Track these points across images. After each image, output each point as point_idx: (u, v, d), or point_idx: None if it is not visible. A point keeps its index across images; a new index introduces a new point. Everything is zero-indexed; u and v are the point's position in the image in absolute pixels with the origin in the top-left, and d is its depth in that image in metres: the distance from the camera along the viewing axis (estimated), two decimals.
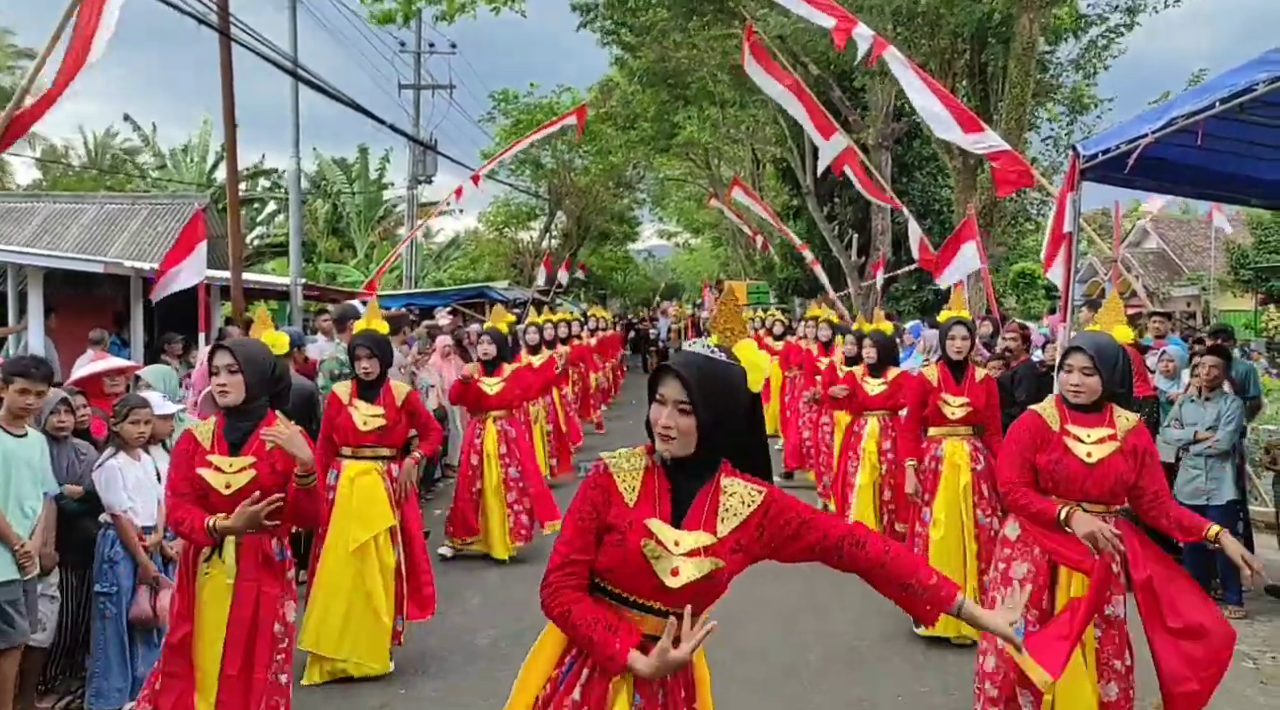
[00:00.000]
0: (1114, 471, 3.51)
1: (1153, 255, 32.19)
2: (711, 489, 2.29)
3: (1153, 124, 6.16)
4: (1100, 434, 3.54)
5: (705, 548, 2.23)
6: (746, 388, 2.28)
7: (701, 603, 2.29)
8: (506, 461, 7.20)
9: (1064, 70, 15.90)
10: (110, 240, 15.78)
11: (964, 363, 5.70)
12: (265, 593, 3.49)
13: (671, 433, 2.24)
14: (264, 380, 3.58)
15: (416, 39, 25.60)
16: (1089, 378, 3.52)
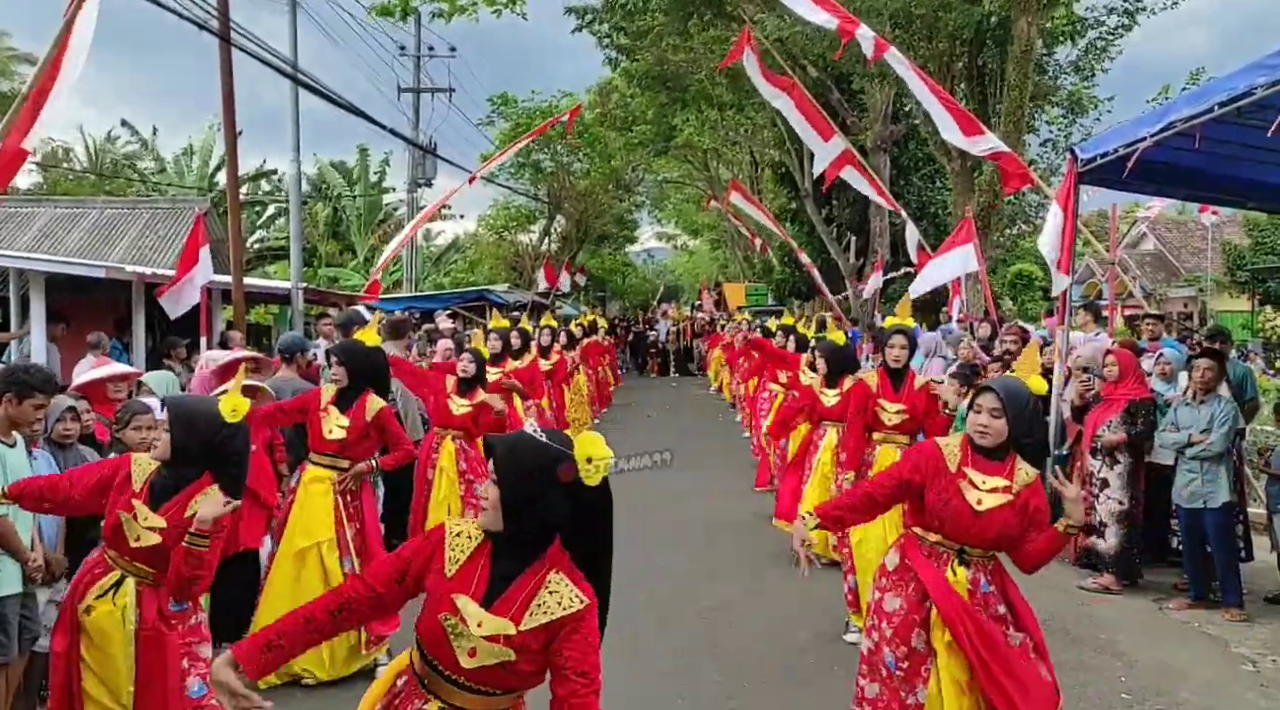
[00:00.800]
0: (999, 523, 3.43)
1: (1150, 257, 32.22)
2: (534, 579, 2.28)
3: (1151, 127, 6.19)
4: (995, 483, 3.47)
5: (505, 637, 2.23)
6: (560, 474, 2.25)
7: (511, 686, 2.31)
8: (469, 477, 6.96)
9: (1062, 72, 15.94)
10: (111, 245, 15.81)
11: (903, 370, 5.73)
12: (168, 639, 3.41)
13: (484, 503, 2.32)
14: (195, 445, 3.39)
15: (416, 42, 25.64)
16: (995, 420, 3.45)
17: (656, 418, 17.21)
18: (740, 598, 6.61)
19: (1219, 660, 5.58)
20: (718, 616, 6.23)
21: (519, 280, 29.16)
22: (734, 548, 7.95)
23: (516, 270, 31.15)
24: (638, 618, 5.93)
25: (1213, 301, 26.78)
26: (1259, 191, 7.52)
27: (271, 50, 10.54)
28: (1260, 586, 6.68)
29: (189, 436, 3.38)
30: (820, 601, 6.32)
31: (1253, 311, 25.64)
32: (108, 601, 3.39)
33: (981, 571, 3.52)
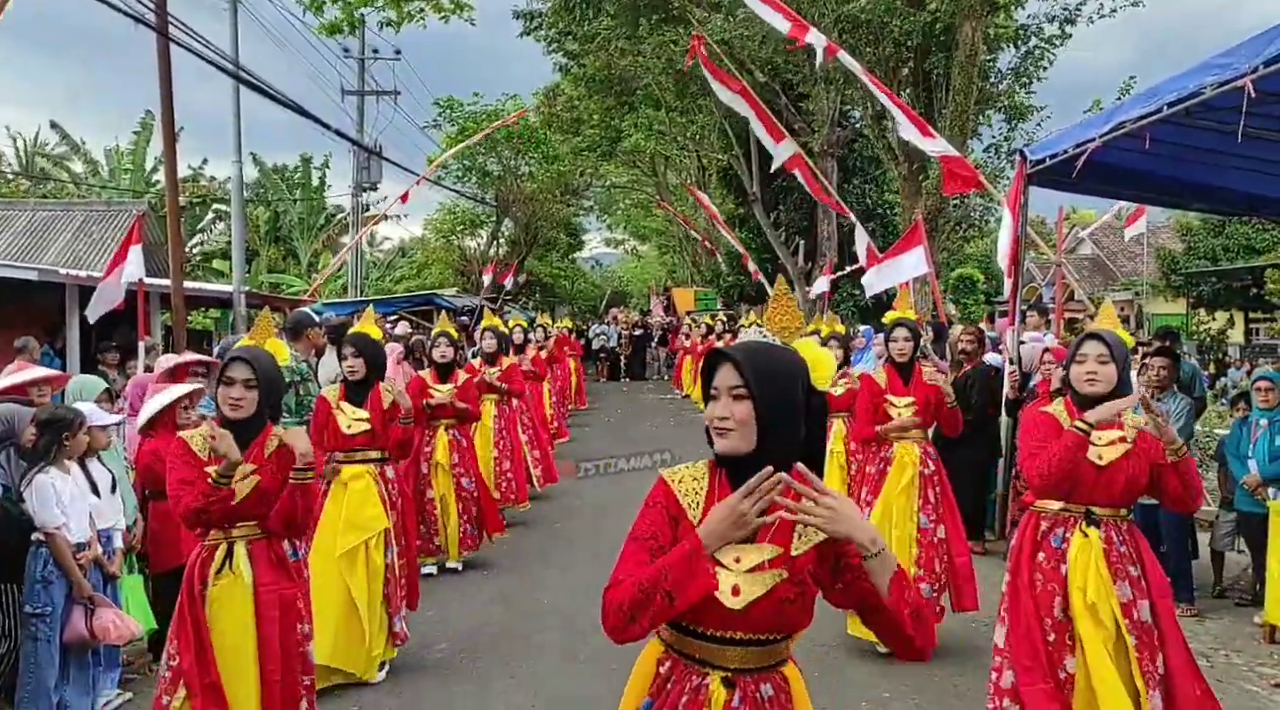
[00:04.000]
0: (1125, 474, 3.40)
1: (1087, 261, 32.92)
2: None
3: (1100, 128, 6.26)
4: (1111, 436, 3.43)
5: (770, 561, 2.01)
6: (807, 379, 2.06)
7: (789, 627, 2.08)
8: (459, 471, 7.12)
9: (1004, 79, 16.18)
10: (44, 248, 15.29)
11: (910, 364, 5.69)
12: (285, 595, 3.51)
13: (728, 423, 2.02)
14: (274, 394, 3.57)
15: (360, 45, 25.24)
16: (1104, 365, 3.40)
17: (614, 422, 17.10)
18: None
19: None
20: None
21: (467, 285, 28.88)
22: None
23: (464, 275, 30.86)
24: None
25: (1148, 305, 27.38)
26: (1204, 193, 7.66)
27: (211, 47, 10.27)
28: (1206, 582, 6.76)
29: (269, 389, 3.54)
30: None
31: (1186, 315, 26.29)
32: (226, 575, 3.44)
33: (1113, 531, 3.47)
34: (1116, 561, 3.43)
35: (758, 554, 2.02)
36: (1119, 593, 3.42)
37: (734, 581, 2.00)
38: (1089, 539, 3.46)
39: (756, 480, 1.91)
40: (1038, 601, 3.54)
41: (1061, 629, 3.49)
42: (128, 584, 4.96)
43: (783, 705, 2.10)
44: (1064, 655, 3.48)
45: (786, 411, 2.03)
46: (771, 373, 2.03)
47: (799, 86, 18.25)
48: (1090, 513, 3.49)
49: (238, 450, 3.33)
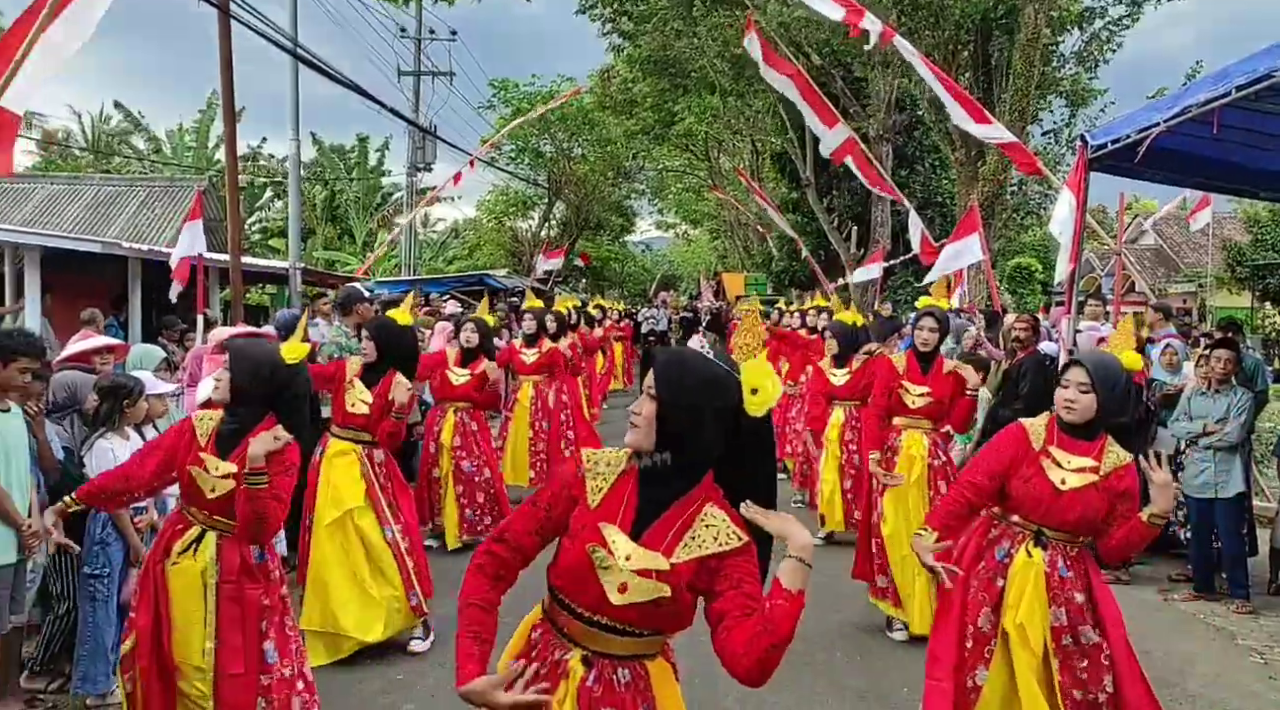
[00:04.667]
0: (1082, 504, 3.29)
1: (1150, 252, 32.19)
2: (688, 510, 2.12)
3: (1165, 113, 6.08)
4: (1082, 463, 3.33)
5: (658, 572, 2.07)
6: (732, 398, 2.10)
7: (659, 626, 2.15)
8: (460, 454, 6.97)
9: (1066, 63, 15.83)
10: (108, 222, 15.67)
11: (932, 354, 5.59)
12: (248, 594, 3.42)
13: (636, 419, 2.15)
14: (255, 383, 3.45)
15: (417, 25, 25.43)
16: (1083, 394, 3.31)
17: None
18: None
19: (1226, 652, 5.52)
20: None
21: (518, 266, 29.03)
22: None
23: (515, 256, 31.02)
24: None
25: (1212, 298, 26.72)
26: (1274, 181, 7.43)
27: (272, 25, 10.40)
28: (1264, 579, 6.61)
29: (249, 378, 3.45)
30: (834, 587, 6.21)
31: (1251, 308, 25.62)
32: (189, 556, 3.41)
33: (1060, 555, 3.38)
34: (1056, 586, 3.35)
35: (648, 561, 2.08)
36: (1052, 617, 3.35)
37: (623, 579, 2.07)
38: (1032, 560, 3.37)
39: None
40: (965, 605, 3.49)
41: (981, 640, 3.44)
42: None
43: (639, 692, 2.17)
44: (976, 664, 3.44)
45: (691, 421, 2.09)
46: (684, 382, 2.11)
47: (856, 70, 18.02)
48: (1041, 534, 3.40)
49: (262, 446, 3.30)
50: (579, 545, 2.11)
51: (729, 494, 2.17)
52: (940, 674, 3.51)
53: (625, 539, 2.10)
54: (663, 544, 2.09)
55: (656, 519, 2.12)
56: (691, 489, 2.15)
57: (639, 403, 2.17)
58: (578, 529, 2.14)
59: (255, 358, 3.49)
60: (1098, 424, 3.36)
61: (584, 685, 2.12)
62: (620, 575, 2.07)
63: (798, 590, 1.99)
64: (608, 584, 2.07)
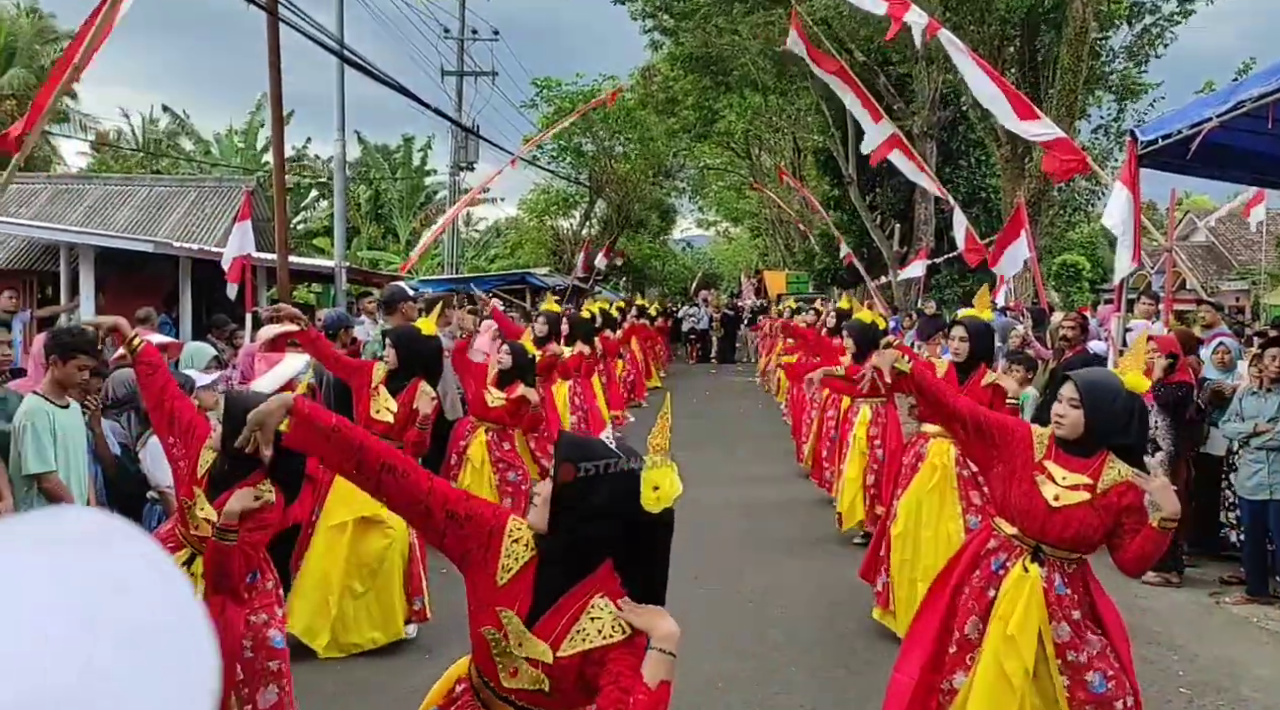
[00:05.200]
0: (1076, 522, 3.24)
1: (1201, 249, 31.55)
2: (579, 602, 2.12)
3: (1217, 108, 6.00)
4: (1077, 480, 3.26)
5: (543, 664, 2.11)
6: (625, 487, 2.10)
7: (558, 704, 2.17)
8: (502, 467, 6.76)
9: (1115, 57, 15.58)
10: (159, 222, 15.98)
11: (969, 364, 5.50)
12: (228, 615, 3.43)
13: (536, 498, 2.19)
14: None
15: (460, 25, 25.63)
16: (1072, 410, 3.27)
17: (695, 403, 17.13)
18: (787, 581, 6.53)
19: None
20: (765, 600, 6.15)
21: (559, 265, 29.15)
22: (782, 531, 7.88)
23: (557, 255, 31.15)
24: (682, 600, 5.85)
25: (1266, 295, 26.14)
26: None
27: (319, 26, 10.55)
28: None
29: (239, 432, 3.38)
30: (830, 594, 6.22)
31: None
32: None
33: (1058, 572, 3.34)
34: (1054, 603, 3.31)
35: (536, 651, 2.12)
36: (1056, 633, 3.31)
37: (514, 665, 2.14)
38: (1029, 575, 3.33)
39: None
40: (953, 610, 3.48)
41: (965, 646, 3.42)
42: None
43: None
44: (956, 669, 3.43)
45: (582, 506, 2.12)
46: (580, 470, 2.13)
47: (900, 66, 17.87)
48: (1039, 549, 3.35)
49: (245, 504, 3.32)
50: (479, 622, 2.19)
51: (630, 588, 2.16)
52: (907, 669, 3.54)
53: (519, 625, 2.14)
54: (552, 635, 2.12)
55: (550, 607, 2.14)
56: (585, 578, 2.14)
57: (542, 484, 2.21)
58: (483, 603, 2.19)
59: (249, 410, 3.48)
60: (1092, 441, 3.29)
61: None
62: (512, 660, 2.14)
63: (658, 683, 1.99)
64: (501, 668, 2.15)
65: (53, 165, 28.69)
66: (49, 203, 16.38)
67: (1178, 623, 5.85)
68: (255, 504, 3.33)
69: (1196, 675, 5.02)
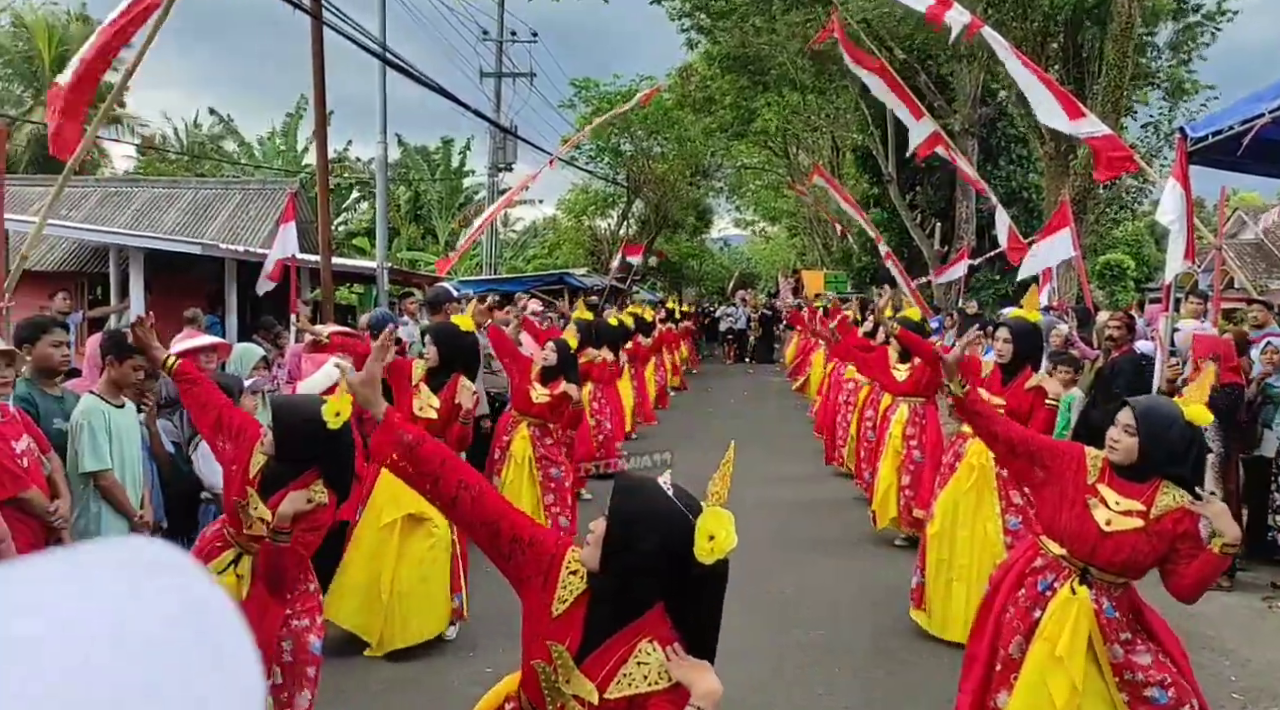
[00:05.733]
0: (1128, 547, 3.20)
1: (1250, 247, 30.94)
2: (628, 644, 2.11)
3: (1270, 103, 5.89)
4: (1130, 506, 3.22)
5: (589, 705, 2.11)
6: (678, 539, 2.08)
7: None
8: (545, 463, 6.73)
9: (1161, 54, 15.34)
10: (206, 223, 16.25)
11: (1012, 365, 5.44)
12: (271, 610, 3.49)
13: (590, 537, 2.18)
14: (299, 444, 3.49)
15: (499, 27, 25.78)
16: (1128, 437, 3.24)
17: (733, 403, 17.11)
18: (825, 581, 6.51)
19: None
20: (807, 600, 6.13)
21: (597, 265, 29.22)
22: (819, 531, 7.87)
23: (594, 255, 31.22)
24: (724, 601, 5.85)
25: None
26: None
27: (361, 29, 10.67)
28: None
29: (291, 436, 3.47)
30: (869, 594, 6.19)
31: None
32: (230, 575, 3.52)
33: (1105, 596, 3.32)
34: (1105, 625, 3.28)
35: (583, 690, 2.12)
36: (1111, 654, 3.28)
37: (562, 700, 2.16)
38: (1076, 597, 3.29)
39: None
40: (1000, 629, 3.46)
41: (1010, 665, 3.41)
42: None
43: None
44: (1000, 688, 3.42)
45: (630, 555, 2.10)
46: (631, 516, 2.13)
47: (941, 64, 17.71)
48: (1087, 572, 3.31)
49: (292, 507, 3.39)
50: (531, 653, 2.20)
51: (681, 633, 2.14)
52: (967, 689, 3.58)
53: (568, 660, 2.15)
54: (600, 675, 2.11)
55: (599, 646, 2.13)
56: (635, 620, 2.13)
57: (597, 521, 2.19)
58: (536, 634, 2.20)
59: (296, 416, 3.52)
60: (1147, 469, 3.25)
61: None
62: (560, 696, 2.15)
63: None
64: (549, 700, 2.16)
65: (100, 168, 29.27)
66: (99, 206, 16.71)
67: (1229, 627, 5.76)
68: (308, 507, 3.40)
69: (1249, 680, 4.94)
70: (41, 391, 4.24)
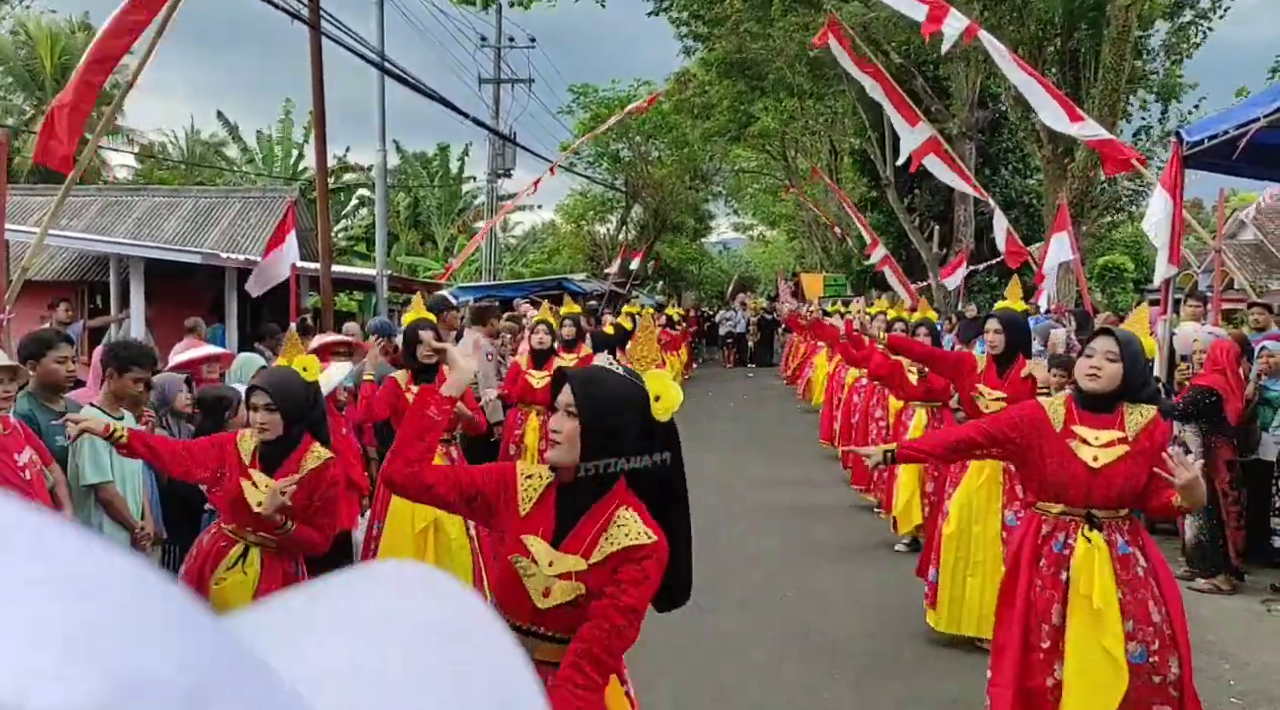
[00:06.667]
0: (1121, 476, 3.26)
1: (1249, 247, 30.96)
2: (603, 514, 2.26)
3: (1265, 107, 5.93)
4: (1109, 436, 3.30)
5: (576, 572, 2.21)
6: (642, 405, 2.28)
7: (575, 629, 2.24)
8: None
9: (1155, 56, 15.37)
10: (206, 232, 16.27)
11: (1006, 356, 5.44)
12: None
13: (557, 436, 2.28)
14: (299, 410, 3.64)
15: (497, 33, 25.83)
16: (1111, 364, 3.30)
17: (733, 407, 17.14)
18: (831, 586, 6.52)
19: None
20: (808, 604, 6.14)
21: (596, 270, 29.27)
22: (825, 535, 7.84)
23: (594, 260, 31.28)
24: (725, 604, 5.88)
25: None
26: None
27: (359, 39, 10.71)
28: None
29: (290, 406, 3.59)
30: (915, 591, 6.16)
31: None
32: (238, 571, 3.56)
33: (1117, 532, 3.36)
34: (1119, 563, 3.32)
35: (568, 564, 2.22)
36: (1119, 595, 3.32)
37: (545, 585, 2.23)
38: (1093, 544, 3.32)
39: None
40: (1033, 605, 3.44)
41: (1056, 635, 3.39)
42: None
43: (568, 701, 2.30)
44: (1054, 662, 3.39)
45: (611, 433, 2.27)
46: (600, 397, 2.27)
47: (938, 67, 17.75)
48: (1091, 515, 3.35)
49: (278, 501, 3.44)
50: (504, 558, 2.29)
51: (643, 495, 2.31)
52: (1001, 680, 3.51)
53: (546, 547, 2.26)
54: (582, 547, 2.24)
55: (575, 525, 2.27)
56: (605, 495, 2.29)
57: (557, 420, 2.31)
58: (508, 538, 2.32)
59: (289, 387, 3.65)
60: (1118, 396, 3.35)
61: None
62: (543, 581, 2.23)
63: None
64: (532, 590, 2.24)
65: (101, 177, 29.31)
66: (99, 215, 16.73)
67: (1228, 630, 5.77)
68: (284, 499, 3.45)
69: (1248, 684, 4.95)
70: (44, 407, 4.26)
